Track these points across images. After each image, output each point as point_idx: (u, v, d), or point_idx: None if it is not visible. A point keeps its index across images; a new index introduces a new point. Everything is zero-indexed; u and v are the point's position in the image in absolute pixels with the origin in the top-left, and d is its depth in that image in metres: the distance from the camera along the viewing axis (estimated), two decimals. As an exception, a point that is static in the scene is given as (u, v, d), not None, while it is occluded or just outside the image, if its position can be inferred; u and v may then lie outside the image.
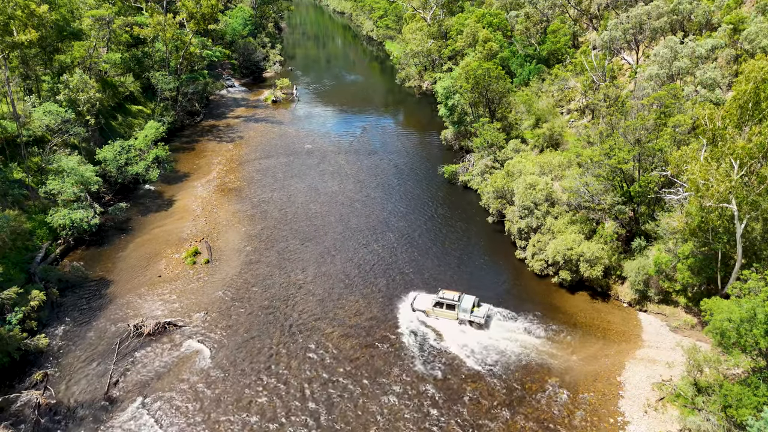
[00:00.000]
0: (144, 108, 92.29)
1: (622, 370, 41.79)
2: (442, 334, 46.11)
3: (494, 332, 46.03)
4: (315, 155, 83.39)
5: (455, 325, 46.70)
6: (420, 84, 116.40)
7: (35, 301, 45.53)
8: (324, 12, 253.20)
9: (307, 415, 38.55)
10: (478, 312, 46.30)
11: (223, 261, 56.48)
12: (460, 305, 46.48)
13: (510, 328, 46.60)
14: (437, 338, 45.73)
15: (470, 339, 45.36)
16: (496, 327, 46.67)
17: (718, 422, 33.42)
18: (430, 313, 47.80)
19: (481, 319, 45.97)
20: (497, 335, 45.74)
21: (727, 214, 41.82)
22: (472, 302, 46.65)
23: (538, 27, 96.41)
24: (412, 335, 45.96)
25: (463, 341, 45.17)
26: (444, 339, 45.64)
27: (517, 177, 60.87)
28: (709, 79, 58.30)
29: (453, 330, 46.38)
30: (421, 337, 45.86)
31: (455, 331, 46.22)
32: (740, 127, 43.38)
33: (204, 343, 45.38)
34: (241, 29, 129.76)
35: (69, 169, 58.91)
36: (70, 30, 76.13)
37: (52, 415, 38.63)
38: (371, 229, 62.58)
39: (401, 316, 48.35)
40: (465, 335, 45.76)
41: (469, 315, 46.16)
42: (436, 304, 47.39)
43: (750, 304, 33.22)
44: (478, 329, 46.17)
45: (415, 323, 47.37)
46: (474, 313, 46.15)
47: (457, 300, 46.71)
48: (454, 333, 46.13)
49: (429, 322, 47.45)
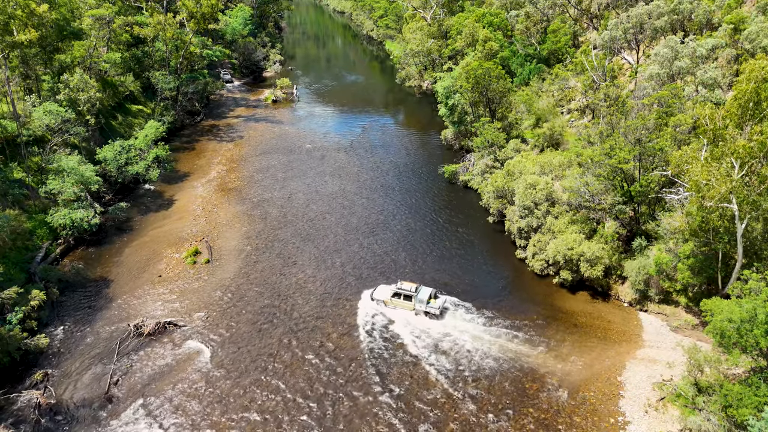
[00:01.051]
0: (144, 108, 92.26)
1: (622, 369, 41.76)
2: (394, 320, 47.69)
3: (448, 323, 46.96)
4: (315, 155, 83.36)
5: (412, 315, 47.95)
6: (420, 84, 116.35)
7: (35, 301, 45.51)
8: (324, 11, 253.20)
9: (307, 414, 38.53)
10: (433, 303, 47.43)
11: (223, 261, 56.45)
12: (417, 296, 47.70)
13: (466, 319, 47.57)
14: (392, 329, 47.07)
15: (421, 327, 46.86)
16: (451, 318, 47.54)
17: (719, 422, 33.39)
18: (388, 303, 48.94)
19: (436, 310, 47.13)
20: (451, 325, 46.68)
21: (727, 214, 41.79)
22: (429, 294, 47.93)
23: (538, 26, 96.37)
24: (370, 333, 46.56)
25: (413, 329, 46.71)
26: (396, 325, 47.25)
27: (517, 177, 60.84)
28: (709, 78, 58.26)
29: (408, 319, 47.76)
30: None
31: (410, 320, 47.64)
32: (741, 126, 43.37)
33: (204, 342, 45.36)
34: (241, 29, 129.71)
35: (69, 169, 58.87)
36: (70, 29, 76.08)
37: (52, 415, 38.59)
38: (371, 229, 62.55)
39: (403, 315, 48.35)
40: (417, 323, 47.22)
41: (425, 306, 47.32)
42: (394, 294, 48.62)
43: (750, 305, 33.21)
44: (433, 319, 47.25)
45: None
46: (429, 304, 47.34)
47: (414, 291, 47.86)
48: (407, 321, 47.56)
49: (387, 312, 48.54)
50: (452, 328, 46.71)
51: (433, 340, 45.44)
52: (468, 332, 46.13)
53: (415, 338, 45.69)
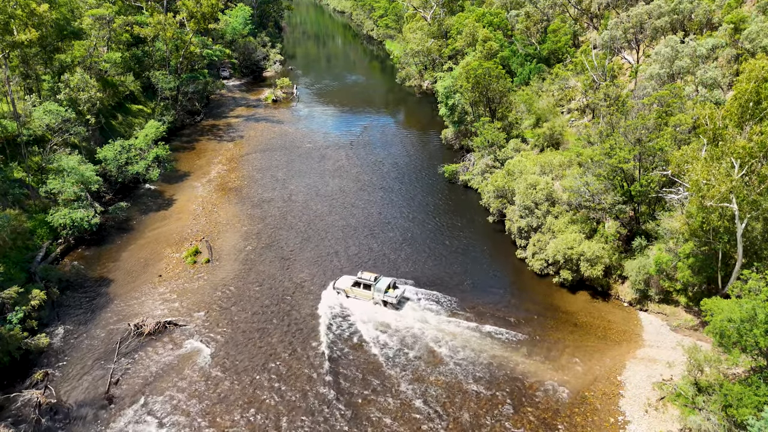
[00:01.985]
0: (144, 107, 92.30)
1: (622, 369, 41.77)
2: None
3: (406, 313, 47.74)
4: (315, 154, 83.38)
5: (370, 305, 48.82)
6: (420, 83, 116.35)
7: (36, 301, 45.50)
8: (324, 11, 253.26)
9: (307, 413, 38.55)
10: (392, 293, 48.11)
11: (223, 260, 56.48)
12: (376, 286, 48.29)
13: (422, 308, 48.44)
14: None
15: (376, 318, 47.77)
16: (410, 309, 48.34)
17: (719, 422, 33.39)
18: (349, 293, 49.68)
19: (394, 299, 47.85)
20: (410, 316, 47.51)
21: (727, 214, 41.80)
22: (388, 284, 48.59)
23: (538, 26, 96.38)
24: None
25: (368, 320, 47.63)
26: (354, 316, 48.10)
27: (517, 176, 60.86)
28: (709, 78, 58.26)
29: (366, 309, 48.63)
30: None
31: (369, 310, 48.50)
32: (741, 126, 43.39)
33: (204, 342, 45.38)
34: (241, 28, 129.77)
35: (69, 169, 58.90)
36: (71, 29, 76.09)
37: (52, 415, 38.61)
38: (371, 228, 62.58)
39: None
40: (376, 314, 48.07)
41: (383, 295, 48.00)
42: (354, 284, 49.30)
43: (750, 304, 33.20)
44: (392, 309, 47.98)
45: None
46: (388, 294, 48.00)
47: (374, 281, 48.56)
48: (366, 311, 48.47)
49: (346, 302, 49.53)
50: (452, 326, 46.75)
51: (449, 349, 45.32)
52: (470, 329, 46.19)
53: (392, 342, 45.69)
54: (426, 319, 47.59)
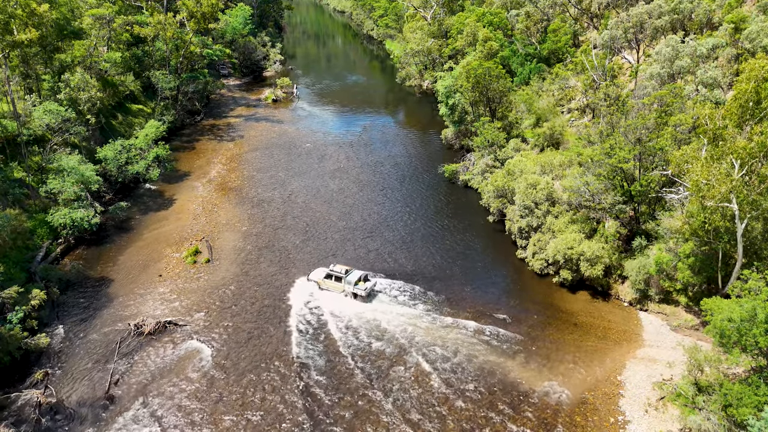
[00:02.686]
0: (144, 107, 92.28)
1: (622, 369, 41.80)
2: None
3: (376, 305, 48.83)
4: (315, 154, 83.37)
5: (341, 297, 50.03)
6: (420, 83, 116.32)
7: (36, 301, 45.47)
8: (324, 11, 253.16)
9: (308, 413, 38.55)
10: (361, 285, 49.28)
11: (223, 260, 56.47)
12: (346, 278, 49.52)
13: (392, 302, 49.47)
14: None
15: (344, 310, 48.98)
16: (380, 302, 49.38)
17: (719, 421, 33.40)
18: (321, 285, 50.96)
19: (363, 292, 49.00)
20: (380, 308, 48.59)
21: (727, 214, 41.80)
22: (359, 276, 49.91)
23: (538, 26, 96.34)
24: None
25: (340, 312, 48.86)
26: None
27: (517, 176, 60.86)
28: (709, 78, 58.26)
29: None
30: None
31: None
32: (741, 126, 43.37)
33: (204, 342, 45.38)
34: (241, 28, 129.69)
35: (69, 168, 58.90)
36: (71, 29, 76.08)
37: (52, 415, 38.61)
38: (371, 228, 62.58)
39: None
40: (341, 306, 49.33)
41: (353, 288, 49.19)
42: (326, 276, 50.59)
43: (750, 304, 33.21)
44: (362, 302, 49.07)
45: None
46: (358, 287, 49.13)
47: (344, 273, 49.84)
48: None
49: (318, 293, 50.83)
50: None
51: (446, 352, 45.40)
52: (470, 326, 46.22)
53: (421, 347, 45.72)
54: (423, 317, 47.64)
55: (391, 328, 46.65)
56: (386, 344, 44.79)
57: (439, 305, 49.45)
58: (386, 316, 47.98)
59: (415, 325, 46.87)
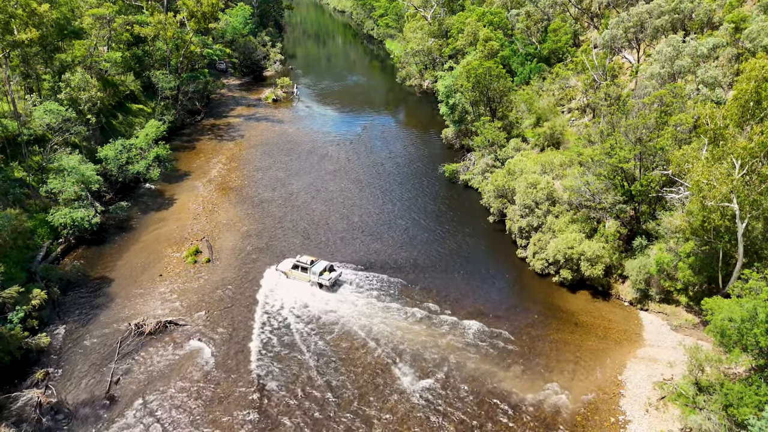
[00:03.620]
0: (144, 107, 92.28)
1: (623, 369, 41.81)
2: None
3: (340, 295, 50.29)
4: (316, 154, 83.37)
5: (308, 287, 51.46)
6: (420, 83, 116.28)
7: (36, 300, 45.51)
8: (324, 11, 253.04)
9: (307, 413, 38.57)
10: (326, 275, 50.69)
11: (223, 260, 56.47)
12: (312, 269, 50.84)
13: (356, 291, 50.91)
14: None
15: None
16: (345, 292, 50.78)
17: (719, 421, 33.41)
18: (289, 275, 52.36)
19: (327, 282, 50.35)
20: (344, 298, 50.05)
21: (728, 214, 41.80)
22: (324, 267, 51.29)
23: (538, 26, 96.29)
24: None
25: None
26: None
27: (518, 176, 60.86)
28: (710, 77, 58.24)
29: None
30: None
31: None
32: (741, 126, 43.37)
33: (205, 341, 45.40)
34: (241, 28, 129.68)
35: (70, 168, 58.90)
36: (71, 29, 76.02)
37: (53, 414, 38.64)
38: (371, 228, 62.59)
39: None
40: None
41: (318, 278, 50.54)
42: (293, 266, 51.97)
43: (751, 304, 33.22)
44: (327, 291, 50.38)
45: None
46: (322, 277, 50.46)
47: (310, 264, 51.22)
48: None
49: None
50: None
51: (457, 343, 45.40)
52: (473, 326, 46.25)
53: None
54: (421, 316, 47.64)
55: (387, 329, 46.72)
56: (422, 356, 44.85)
57: (439, 305, 49.43)
58: (377, 316, 48.04)
59: (410, 330, 46.89)
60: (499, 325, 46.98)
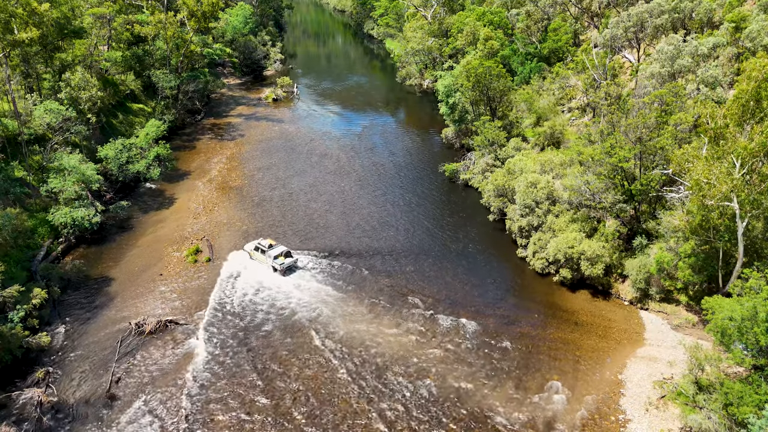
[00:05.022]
0: (145, 106, 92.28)
1: (623, 368, 41.85)
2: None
3: (292, 279, 52.81)
4: (316, 153, 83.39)
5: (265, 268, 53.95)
6: (421, 82, 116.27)
7: (37, 300, 45.56)
8: (324, 10, 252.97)
9: (307, 414, 38.61)
10: (280, 260, 52.91)
11: (224, 259, 56.45)
12: (268, 252, 53.35)
13: (306, 278, 53.06)
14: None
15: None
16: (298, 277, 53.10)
17: (720, 420, 33.45)
18: (252, 255, 55.18)
19: (279, 266, 52.66)
20: (295, 282, 52.42)
21: (728, 213, 41.83)
22: (280, 252, 53.60)
23: (539, 25, 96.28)
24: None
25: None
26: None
27: (518, 175, 60.88)
28: (710, 77, 58.26)
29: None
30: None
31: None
32: (742, 125, 43.38)
33: (205, 341, 45.42)
34: (241, 27, 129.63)
35: (70, 168, 58.91)
36: (71, 28, 75.97)
37: (54, 413, 38.70)
38: (371, 227, 62.60)
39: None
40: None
41: (272, 261, 52.88)
42: (255, 248, 54.72)
43: (751, 303, 33.26)
44: (281, 275, 52.79)
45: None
46: (276, 261, 52.76)
47: (267, 248, 53.83)
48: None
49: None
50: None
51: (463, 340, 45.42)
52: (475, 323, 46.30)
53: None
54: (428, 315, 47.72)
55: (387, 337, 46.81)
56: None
57: (440, 305, 49.47)
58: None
59: (409, 331, 46.94)
60: (499, 324, 47.00)
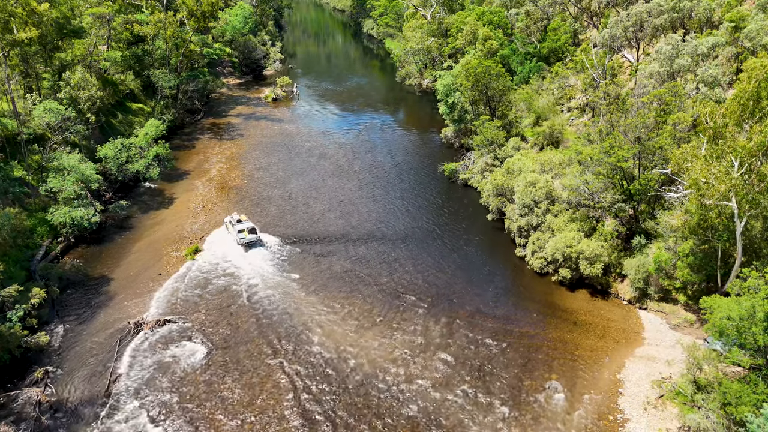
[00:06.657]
0: (144, 106, 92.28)
1: (621, 367, 41.85)
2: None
3: (251, 254, 56.56)
4: (315, 153, 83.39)
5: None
6: (420, 82, 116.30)
7: (36, 299, 45.57)
8: (324, 10, 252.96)
9: (306, 414, 38.63)
10: (243, 235, 56.84)
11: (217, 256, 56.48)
12: (235, 226, 57.71)
13: (266, 258, 56.10)
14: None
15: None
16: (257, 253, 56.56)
17: (718, 419, 33.47)
18: (228, 228, 59.47)
19: (241, 240, 56.77)
20: (253, 258, 55.95)
21: (727, 212, 41.83)
22: (245, 227, 57.50)
23: (538, 25, 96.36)
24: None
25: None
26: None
27: (517, 175, 60.89)
28: (710, 76, 58.26)
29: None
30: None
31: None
32: (741, 125, 43.37)
33: (203, 341, 45.43)
34: (241, 27, 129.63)
35: (69, 167, 58.95)
36: (71, 28, 76.06)
37: (52, 413, 38.73)
38: (371, 227, 62.61)
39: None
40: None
41: (236, 234, 57.20)
42: (229, 221, 59.49)
43: (749, 302, 33.27)
44: (243, 249, 56.85)
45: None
46: (240, 235, 56.83)
47: (237, 222, 58.45)
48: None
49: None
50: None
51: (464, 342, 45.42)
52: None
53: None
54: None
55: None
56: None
57: (439, 304, 49.46)
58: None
59: (407, 331, 46.96)
60: (498, 323, 47.00)
